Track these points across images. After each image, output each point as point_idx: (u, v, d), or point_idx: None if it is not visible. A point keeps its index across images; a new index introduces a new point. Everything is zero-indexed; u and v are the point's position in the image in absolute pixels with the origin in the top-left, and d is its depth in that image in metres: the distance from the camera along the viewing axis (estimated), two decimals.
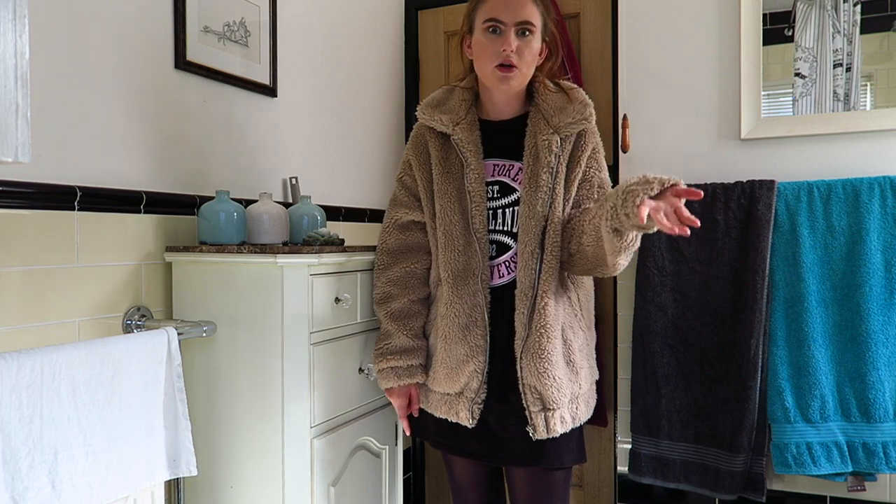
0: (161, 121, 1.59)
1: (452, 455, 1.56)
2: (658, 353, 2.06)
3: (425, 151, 1.52)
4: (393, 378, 1.50)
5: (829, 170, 1.97)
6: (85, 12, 1.41)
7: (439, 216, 1.47)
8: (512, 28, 1.40)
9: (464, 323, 1.43)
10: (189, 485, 1.54)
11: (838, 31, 1.96)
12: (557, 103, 1.46)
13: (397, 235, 1.55)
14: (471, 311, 1.42)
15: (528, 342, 1.39)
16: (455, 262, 1.44)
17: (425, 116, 1.52)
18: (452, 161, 1.48)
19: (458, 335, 1.43)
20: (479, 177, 1.44)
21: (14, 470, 1.08)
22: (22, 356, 1.09)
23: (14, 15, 0.85)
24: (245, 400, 1.49)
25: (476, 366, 1.42)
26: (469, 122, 1.48)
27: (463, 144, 1.46)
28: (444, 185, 1.47)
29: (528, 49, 1.41)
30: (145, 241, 1.53)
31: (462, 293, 1.43)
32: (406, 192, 1.56)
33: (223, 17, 1.76)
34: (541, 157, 1.42)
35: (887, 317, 1.86)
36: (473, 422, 1.43)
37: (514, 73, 1.41)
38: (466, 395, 1.43)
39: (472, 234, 1.44)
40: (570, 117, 1.43)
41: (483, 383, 1.42)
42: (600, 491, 2.38)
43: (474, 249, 1.43)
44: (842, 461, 1.87)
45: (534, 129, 1.45)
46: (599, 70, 2.34)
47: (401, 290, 1.53)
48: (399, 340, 1.50)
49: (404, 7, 2.66)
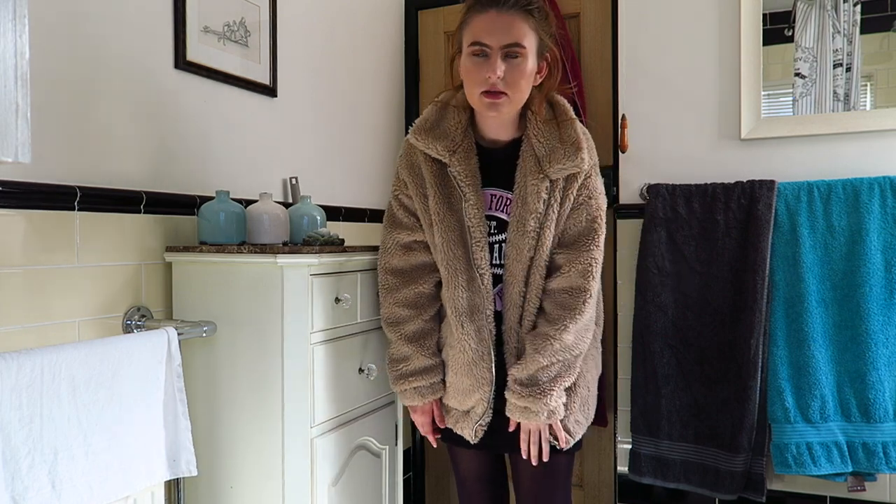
0: (161, 121, 1.59)
1: (458, 447, 1.57)
2: (658, 353, 2.06)
3: (419, 175, 1.45)
4: (417, 398, 1.51)
5: (829, 170, 1.97)
6: (85, 12, 1.41)
7: (441, 249, 1.43)
8: (499, 52, 1.30)
9: (470, 359, 1.43)
10: (189, 485, 1.54)
11: (838, 31, 1.96)
12: (549, 140, 1.37)
13: (401, 256, 1.50)
14: (477, 346, 1.43)
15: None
16: (460, 298, 1.42)
17: (419, 142, 1.42)
18: (450, 191, 1.42)
19: (464, 370, 1.45)
20: (479, 212, 1.40)
21: (14, 470, 1.08)
22: (22, 356, 1.09)
23: (14, 15, 0.85)
24: (245, 400, 1.49)
25: (482, 395, 1.44)
26: (466, 148, 1.41)
27: (461, 178, 1.40)
28: (443, 215, 1.42)
29: (517, 73, 1.31)
30: (145, 241, 1.53)
31: (469, 329, 1.43)
32: (405, 213, 1.50)
33: (223, 17, 1.76)
34: (529, 202, 1.37)
35: (887, 317, 1.86)
36: (475, 440, 1.48)
37: (503, 100, 1.32)
38: (472, 417, 1.47)
39: (475, 269, 1.42)
40: (561, 163, 1.35)
41: (488, 409, 1.45)
42: (600, 491, 2.38)
43: (477, 286, 1.42)
44: (842, 461, 1.87)
45: (524, 166, 1.39)
46: (599, 70, 2.34)
47: (413, 311, 1.50)
48: (419, 362, 1.49)
49: (404, 7, 2.66)
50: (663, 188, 2.08)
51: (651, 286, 2.06)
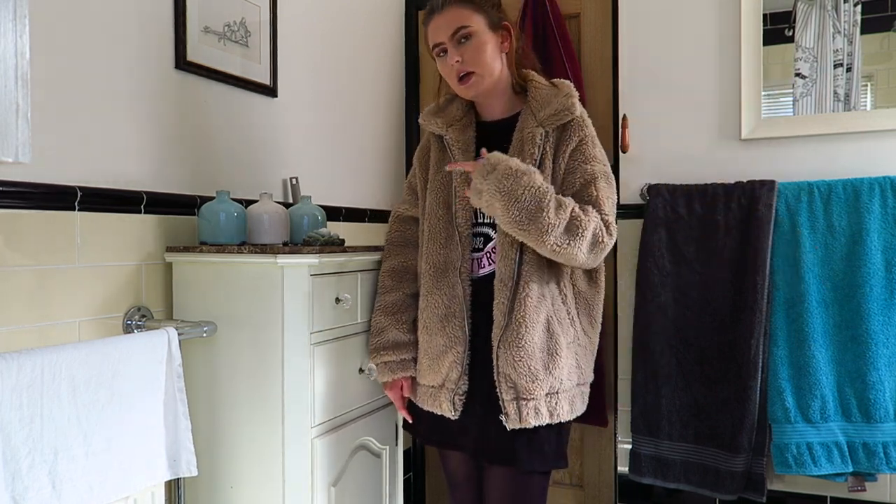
0: (161, 121, 1.59)
1: (440, 449, 1.59)
2: (658, 353, 2.06)
3: (427, 154, 1.61)
4: (387, 373, 1.55)
5: (829, 170, 1.97)
6: (85, 12, 1.41)
7: (427, 211, 1.54)
8: (450, 42, 1.45)
9: (442, 314, 1.46)
10: (189, 485, 1.54)
11: (839, 32, 1.96)
12: (545, 97, 1.48)
13: (397, 228, 1.64)
14: (450, 302, 1.45)
15: (506, 332, 1.39)
16: (436, 254, 1.49)
17: (424, 122, 1.60)
18: (445, 160, 1.53)
19: (437, 326, 1.46)
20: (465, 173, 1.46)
21: (14, 470, 1.08)
22: (22, 356, 1.09)
23: (14, 15, 0.85)
24: (245, 400, 1.49)
25: (455, 357, 1.44)
26: (464, 123, 1.55)
27: (452, 143, 1.52)
28: (434, 182, 1.54)
29: (472, 50, 1.44)
30: (145, 241, 1.53)
31: (441, 284, 1.47)
32: (409, 191, 1.66)
33: (223, 18, 1.76)
34: (525, 149, 1.44)
35: (887, 317, 1.86)
36: (456, 413, 1.45)
37: (474, 78, 1.46)
38: (447, 387, 1.46)
39: (455, 227, 1.48)
40: (553, 108, 1.44)
41: (463, 374, 1.44)
42: (600, 491, 2.38)
43: (455, 243, 1.47)
44: (842, 461, 1.87)
45: (521, 124, 1.48)
46: (599, 70, 2.34)
47: (395, 282, 1.58)
48: (391, 334, 1.54)
49: (404, 7, 2.66)
50: (664, 188, 2.08)
51: (651, 286, 2.06)
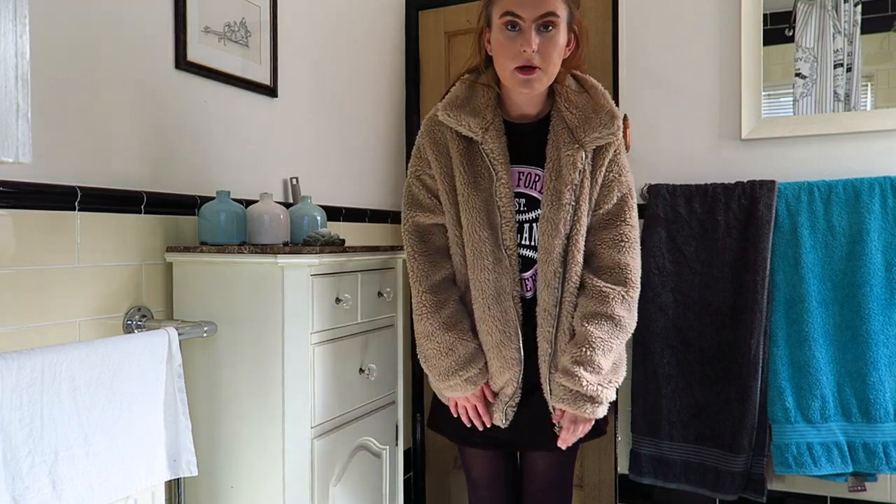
0: (162, 121, 1.59)
1: (472, 449, 1.54)
2: (658, 353, 2.06)
3: (446, 154, 1.41)
4: (470, 387, 1.42)
5: (829, 170, 1.97)
6: (85, 12, 1.41)
7: (467, 231, 1.38)
8: (532, 24, 1.26)
9: (497, 340, 1.39)
10: (189, 485, 1.54)
11: (839, 32, 1.96)
12: (582, 110, 1.35)
13: (421, 242, 1.46)
14: (504, 327, 1.38)
15: (553, 359, 1.39)
16: (486, 280, 1.37)
17: (450, 119, 1.38)
18: (479, 170, 1.37)
19: (492, 352, 1.41)
20: (509, 190, 1.37)
21: (15, 470, 1.08)
22: (23, 356, 1.09)
23: (14, 15, 0.85)
24: (245, 400, 1.49)
25: (511, 375, 1.41)
26: (496, 126, 1.37)
27: (494, 155, 1.36)
28: (469, 195, 1.37)
29: (552, 46, 1.28)
30: (146, 241, 1.53)
31: (494, 312, 1.38)
32: (427, 194, 1.45)
33: (224, 18, 1.76)
34: (564, 173, 1.33)
35: (888, 317, 1.86)
36: (506, 423, 1.43)
37: (537, 74, 1.29)
38: (502, 399, 1.43)
39: (503, 250, 1.37)
40: (597, 132, 1.33)
41: (518, 389, 1.41)
42: (601, 491, 2.38)
43: (505, 267, 1.37)
44: (842, 461, 1.87)
45: (556, 138, 1.36)
46: (599, 70, 2.34)
47: (443, 296, 1.44)
48: (463, 348, 1.41)
49: (405, 7, 2.66)
50: (664, 188, 2.08)
51: (651, 286, 2.06)
